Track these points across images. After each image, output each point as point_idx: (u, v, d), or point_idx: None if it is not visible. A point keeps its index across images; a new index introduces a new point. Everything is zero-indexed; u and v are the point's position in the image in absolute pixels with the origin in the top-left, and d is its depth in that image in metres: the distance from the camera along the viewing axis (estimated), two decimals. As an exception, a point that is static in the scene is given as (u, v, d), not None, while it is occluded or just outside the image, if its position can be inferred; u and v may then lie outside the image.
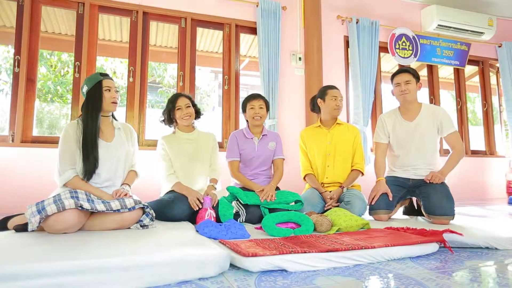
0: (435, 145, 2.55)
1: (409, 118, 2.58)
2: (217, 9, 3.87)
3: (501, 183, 4.98)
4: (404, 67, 2.68)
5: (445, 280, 1.21)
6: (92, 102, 1.98)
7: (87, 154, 1.90)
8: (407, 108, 2.60)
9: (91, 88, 1.99)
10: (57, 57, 6.02)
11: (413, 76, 2.57)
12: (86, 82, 2.01)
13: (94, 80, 2.01)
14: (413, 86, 2.55)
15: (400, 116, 2.63)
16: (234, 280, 1.21)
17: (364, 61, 4.21)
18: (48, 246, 1.37)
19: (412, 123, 2.56)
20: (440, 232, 1.66)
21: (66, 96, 5.60)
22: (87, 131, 1.92)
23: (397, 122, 2.63)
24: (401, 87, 2.56)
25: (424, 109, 2.58)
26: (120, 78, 6.32)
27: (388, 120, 2.67)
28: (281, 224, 1.95)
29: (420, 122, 2.54)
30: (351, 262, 1.39)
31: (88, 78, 2.03)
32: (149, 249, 1.30)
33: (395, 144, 2.62)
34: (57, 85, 5.51)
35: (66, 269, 1.08)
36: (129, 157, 2.13)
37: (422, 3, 4.75)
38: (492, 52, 5.12)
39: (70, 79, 5.96)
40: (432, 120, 2.52)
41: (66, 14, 3.95)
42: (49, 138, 3.36)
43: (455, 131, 2.50)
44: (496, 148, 5.09)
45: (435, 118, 2.51)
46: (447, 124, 2.49)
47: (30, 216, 1.62)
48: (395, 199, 2.46)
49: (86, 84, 2.01)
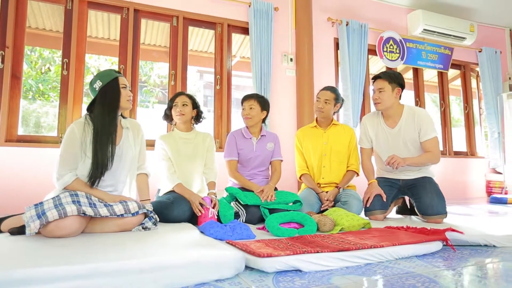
0: (420, 149, 2.48)
1: (391, 124, 2.51)
2: (209, 8, 3.84)
3: (481, 183, 5.17)
4: (381, 72, 2.52)
5: (457, 277, 1.24)
6: (109, 100, 1.85)
7: (101, 157, 1.76)
8: (387, 114, 2.52)
9: (106, 85, 1.86)
10: (38, 53, 5.82)
11: (388, 82, 2.44)
12: (100, 78, 1.87)
13: (109, 76, 1.88)
14: (387, 94, 2.43)
15: (383, 122, 2.55)
16: (251, 281, 1.20)
17: (354, 63, 4.27)
18: (58, 249, 1.32)
19: (394, 129, 2.49)
20: (442, 230, 1.70)
21: (49, 94, 5.42)
22: (103, 130, 1.79)
23: (380, 129, 2.56)
24: (375, 96, 2.49)
25: (405, 113, 2.48)
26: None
27: (369, 125, 2.61)
28: (284, 224, 1.95)
29: (401, 128, 2.47)
30: (362, 261, 1.40)
31: (102, 74, 1.89)
32: (164, 251, 1.27)
33: (379, 150, 2.61)
34: (38, 83, 5.32)
35: (83, 273, 1.05)
36: (135, 160, 2.03)
37: (408, 7, 4.87)
38: (473, 57, 5.31)
39: (53, 76, 5.79)
40: (413, 125, 2.44)
41: (51, 9, 3.82)
42: (35, 137, 3.24)
43: (433, 137, 2.40)
44: (476, 149, 5.28)
45: (415, 123, 2.43)
46: (425, 129, 2.40)
47: (29, 220, 1.54)
48: (389, 198, 2.51)
49: (100, 80, 1.86)
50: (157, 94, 7.38)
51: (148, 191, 2.10)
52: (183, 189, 2.25)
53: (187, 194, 2.21)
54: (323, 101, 2.70)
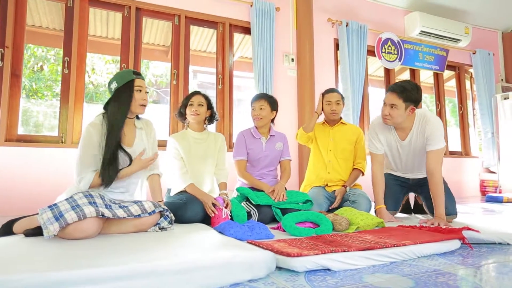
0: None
1: (402, 136, 2.42)
2: (211, 8, 3.82)
3: (475, 182, 5.27)
4: (397, 85, 2.25)
5: (484, 274, 1.26)
6: (121, 103, 1.83)
7: (108, 163, 1.75)
8: (398, 126, 2.37)
9: (121, 86, 1.83)
10: (31, 51, 5.69)
11: (403, 100, 2.21)
12: (117, 78, 1.85)
13: (126, 77, 1.85)
14: (399, 112, 2.23)
15: (395, 132, 2.43)
16: (284, 280, 1.20)
17: (354, 63, 4.31)
18: (85, 251, 1.29)
19: (405, 141, 2.42)
20: (459, 229, 1.73)
21: (43, 92, 5.31)
22: (111, 133, 1.77)
23: (391, 138, 2.45)
24: (385, 110, 2.27)
25: (416, 123, 2.34)
26: (99, 75, 6.07)
27: (380, 132, 2.47)
28: (299, 223, 1.96)
29: (412, 140, 2.38)
30: (387, 260, 1.42)
31: (119, 75, 1.86)
32: (195, 252, 1.26)
33: (390, 157, 2.57)
34: (32, 81, 5.21)
35: (119, 275, 1.03)
36: None
37: (405, 9, 4.94)
38: (467, 59, 5.42)
39: (48, 75, 5.67)
40: (422, 137, 2.34)
41: (49, 7, 3.75)
42: (35, 137, 3.17)
43: (436, 149, 2.26)
44: (471, 149, 5.39)
45: (424, 134, 2.32)
46: (431, 141, 2.27)
47: (47, 223, 1.50)
48: (400, 198, 2.54)
49: (116, 81, 1.84)
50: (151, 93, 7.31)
51: (161, 192, 2.08)
52: (195, 189, 2.23)
53: (199, 194, 2.20)
54: (335, 103, 2.72)
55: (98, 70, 6.32)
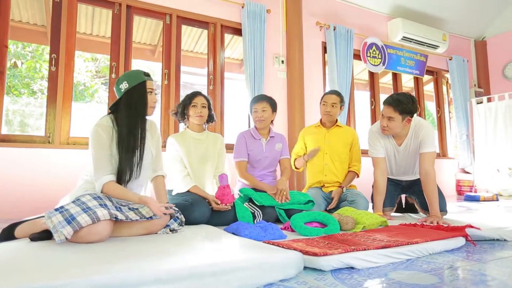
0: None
1: (398, 142, 2.57)
2: (202, 8, 3.80)
3: (452, 182, 5.53)
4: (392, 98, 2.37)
5: (504, 269, 1.34)
6: (134, 105, 1.77)
7: (129, 165, 1.72)
8: (396, 135, 2.54)
9: (133, 88, 1.77)
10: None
11: (399, 113, 2.35)
12: (127, 79, 1.78)
13: (137, 78, 1.78)
14: (396, 124, 2.38)
15: (392, 139, 2.58)
16: (314, 279, 1.21)
17: (341, 66, 4.41)
18: (110, 254, 1.26)
19: (401, 147, 2.56)
20: (462, 227, 1.82)
21: (19, 90, 5.08)
22: (129, 138, 1.73)
23: (389, 145, 2.59)
24: (383, 122, 2.42)
25: (411, 130, 2.49)
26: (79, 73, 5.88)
27: (380, 138, 2.58)
28: (307, 223, 1.98)
29: (407, 145, 2.54)
30: (404, 257, 1.47)
31: (129, 75, 1.80)
32: (229, 253, 1.26)
33: (387, 162, 2.66)
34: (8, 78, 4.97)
35: (159, 278, 1.01)
36: (152, 162, 1.98)
37: (388, 15, 5.11)
38: (444, 64, 5.68)
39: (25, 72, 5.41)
40: (416, 141, 2.49)
41: (31, 1, 3.59)
42: (20, 137, 3.02)
43: (429, 152, 2.40)
44: (447, 150, 5.65)
45: (418, 138, 2.47)
46: (425, 144, 2.42)
47: (58, 226, 1.44)
48: (395, 196, 2.64)
49: (126, 81, 1.77)
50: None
51: (166, 193, 2.05)
52: (198, 190, 2.22)
53: (202, 194, 2.20)
54: (331, 104, 2.77)
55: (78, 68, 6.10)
